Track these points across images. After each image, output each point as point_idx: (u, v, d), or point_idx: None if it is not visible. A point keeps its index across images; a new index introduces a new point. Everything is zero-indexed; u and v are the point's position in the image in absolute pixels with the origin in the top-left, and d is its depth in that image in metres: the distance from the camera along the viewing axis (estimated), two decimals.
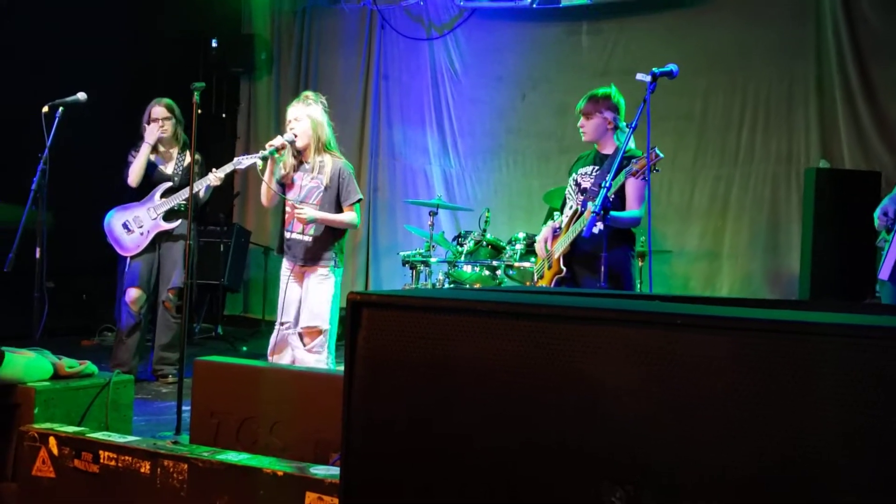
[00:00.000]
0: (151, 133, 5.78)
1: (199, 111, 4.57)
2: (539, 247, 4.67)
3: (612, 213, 4.11)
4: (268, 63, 9.38)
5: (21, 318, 5.15)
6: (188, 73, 8.45)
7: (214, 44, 9.26)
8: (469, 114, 8.63)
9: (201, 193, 5.70)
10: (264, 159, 4.66)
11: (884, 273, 4.02)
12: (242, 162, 5.51)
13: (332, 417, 2.32)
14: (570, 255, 4.41)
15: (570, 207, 4.51)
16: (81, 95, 5.24)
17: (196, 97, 4.52)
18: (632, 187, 4.29)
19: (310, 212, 4.64)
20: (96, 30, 7.72)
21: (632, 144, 4.43)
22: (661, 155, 4.04)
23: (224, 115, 9.54)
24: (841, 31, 7.00)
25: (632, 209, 4.33)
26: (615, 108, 4.44)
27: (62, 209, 6.50)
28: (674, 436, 1.44)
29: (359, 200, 4.78)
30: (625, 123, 4.43)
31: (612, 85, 4.54)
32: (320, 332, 4.71)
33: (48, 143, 5.06)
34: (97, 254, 6.05)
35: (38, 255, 5.02)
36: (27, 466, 2.82)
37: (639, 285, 5.55)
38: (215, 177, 5.59)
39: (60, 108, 5.15)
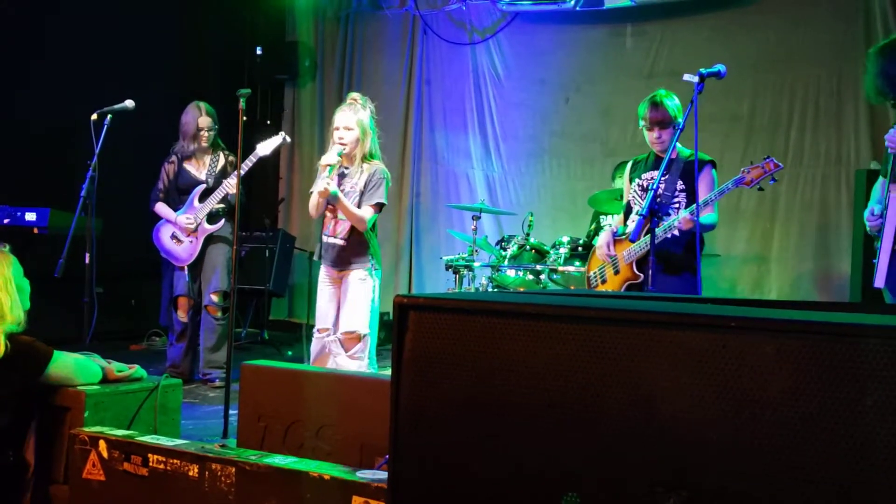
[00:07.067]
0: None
1: (245, 118, 4.60)
2: (601, 252, 4.63)
3: (701, 219, 4.12)
4: (311, 70, 9.43)
5: (71, 323, 5.23)
6: (233, 81, 8.54)
7: (259, 51, 9.37)
8: (512, 117, 8.59)
9: (231, 193, 5.76)
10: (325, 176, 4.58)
11: (878, 281, 3.86)
12: (267, 148, 5.65)
13: (377, 421, 2.32)
14: (642, 260, 4.37)
15: (637, 213, 4.48)
16: (129, 103, 5.32)
17: (242, 103, 4.57)
18: (707, 189, 4.27)
19: (333, 186, 4.54)
20: (143, 39, 7.84)
21: (678, 145, 4.37)
22: (781, 165, 4.03)
23: (269, 122, 9.62)
24: (891, 29, 6.85)
25: (708, 213, 4.29)
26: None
27: (111, 215, 6.61)
28: (728, 440, 1.41)
29: (380, 205, 4.65)
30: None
31: (662, 89, 4.49)
32: (359, 337, 4.61)
33: (97, 151, 5.14)
34: (145, 259, 6.15)
35: (87, 261, 5.11)
36: (78, 469, 2.86)
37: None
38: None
39: (109, 116, 5.23)
